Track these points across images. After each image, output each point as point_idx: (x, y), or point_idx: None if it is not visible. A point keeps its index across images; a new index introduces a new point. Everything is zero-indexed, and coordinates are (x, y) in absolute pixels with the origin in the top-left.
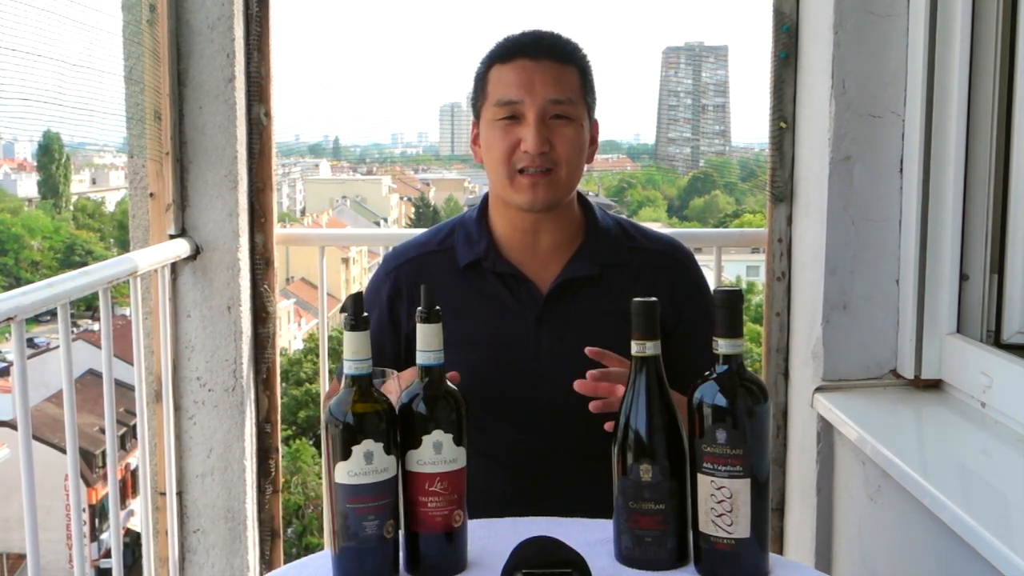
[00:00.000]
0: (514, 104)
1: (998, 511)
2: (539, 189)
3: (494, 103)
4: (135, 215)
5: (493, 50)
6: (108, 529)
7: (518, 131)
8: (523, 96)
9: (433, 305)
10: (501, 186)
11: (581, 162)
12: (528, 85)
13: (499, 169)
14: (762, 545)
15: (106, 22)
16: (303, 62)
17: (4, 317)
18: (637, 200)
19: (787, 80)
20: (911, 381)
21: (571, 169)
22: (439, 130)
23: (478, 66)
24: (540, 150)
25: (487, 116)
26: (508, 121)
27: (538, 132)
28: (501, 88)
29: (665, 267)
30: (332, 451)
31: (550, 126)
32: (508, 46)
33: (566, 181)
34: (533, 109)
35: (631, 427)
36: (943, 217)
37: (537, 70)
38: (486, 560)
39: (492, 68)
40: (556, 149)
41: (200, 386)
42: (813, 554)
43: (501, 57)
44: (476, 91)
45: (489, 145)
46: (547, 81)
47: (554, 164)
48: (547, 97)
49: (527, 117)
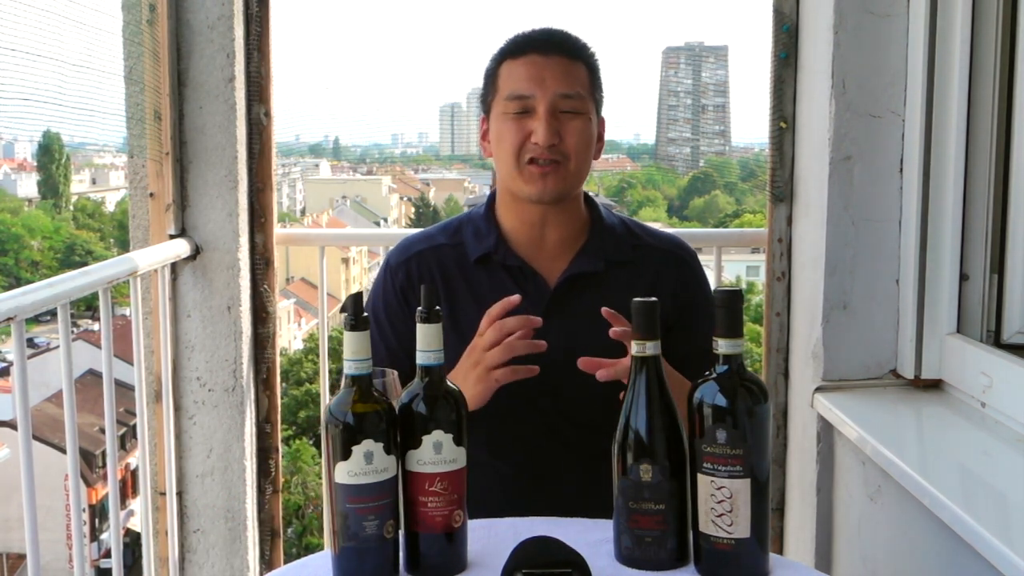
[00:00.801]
0: (525, 98)
1: (998, 511)
2: (548, 180)
3: (505, 97)
4: (135, 215)
5: (504, 46)
6: (108, 529)
7: (529, 124)
8: (534, 90)
9: (433, 305)
10: (511, 177)
11: (589, 155)
12: (539, 79)
13: (509, 160)
14: (762, 545)
15: (106, 22)
16: (303, 62)
17: (4, 317)
18: (637, 200)
19: (787, 80)
20: (911, 381)
21: (579, 162)
22: (439, 130)
23: (488, 62)
24: (550, 142)
25: (498, 110)
26: (519, 115)
27: (548, 124)
28: (512, 82)
29: (669, 264)
30: (332, 451)
31: (560, 119)
32: (519, 42)
33: (574, 173)
34: (544, 102)
35: (631, 427)
36: (943, 217)
37: (547, 65)
38: (486, 560)
39: (503, 63)
40: (565, 142)
41: (200, 386)
42: (813, 554)
43: (512, 52)
44: (486, 86)
45: (500, 138)
46: (557, 76)
47: (563, 156)
48: (557, 91)
49: (538, 110)
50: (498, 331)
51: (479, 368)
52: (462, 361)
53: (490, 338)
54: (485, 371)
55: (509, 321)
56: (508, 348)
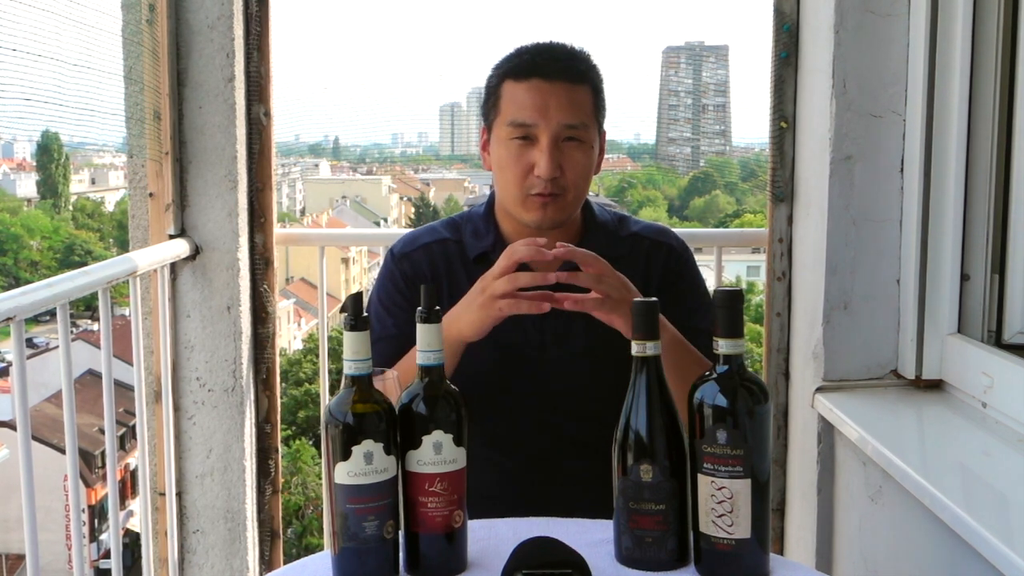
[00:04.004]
0: (528, 127)
1: (999, 511)
2: (548, 209)
3: (507, 122)
4: (135, 215)
5: (507, 63)
6: (108, 529)
7: (530, 154)
8: (537, 120)
9: (433, 305)
10: (512, 205)
11: (588, 182)
12: (542, 109)
13: (512, 190)
14: (762, 545)
15: (106, 22)
16: (303, 62)
17: (4, 317)
18: (637, 200)
19: (787, 80)
20: (912, 381)
21: (578, 192)
22: (439, 130)
23: (490, 73)
24: (552, 175)
25: (499, 133)
26: (521, 141)
27: (551, 157)
28: (515, 109)
29: (656, 251)
30: (332, 451)
31: (562, 149)
32: (523, 64)
33: (573, 203)
34: (547, 133)
35: (631, 427)
36: (944, 217)
37: (552, 93)
38: (486, 560)
39: (505, 83)
40: (566, 175)
41: (200, 386)
42: (813, 554)
43: (515, 74)
44: (487, 102)
45: (501, 164)
46: (561, 105)
47: (563, 189)
48: (561, 122)
49: (540, 140)
50: (508, 258)
51: (485, 295)
52: (472, 289)
53: (501, 265)
54: (491, 299)
55: (521, 249)
56: (514, 279)
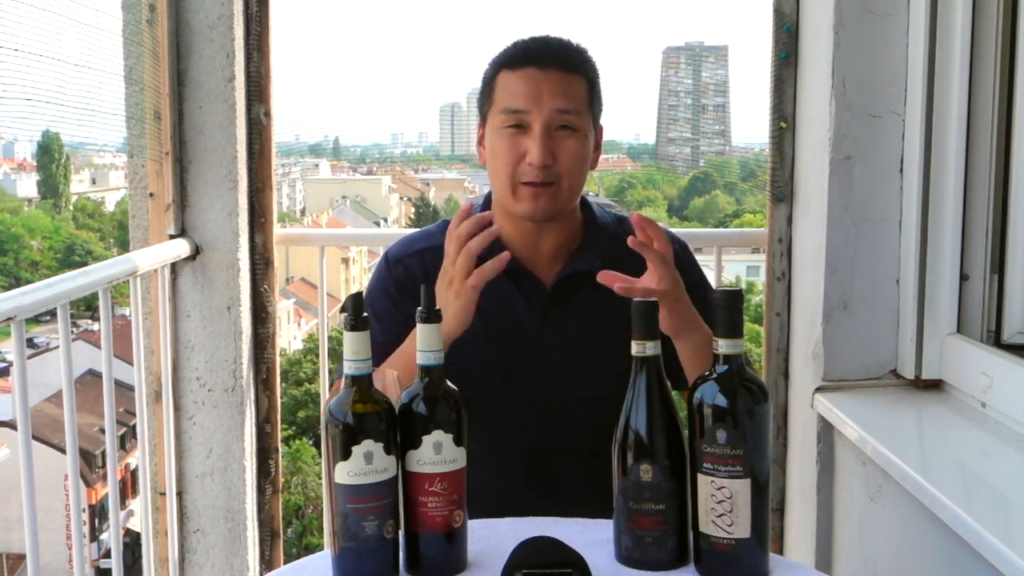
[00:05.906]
0: (520, 113)
1: (998, 511)
2: (540, 200)
3: (500, 110)
4: (135, 215)
5: (502, 55)
6: (108, 529)
7: (523, 142)
8: (530, 106)
9: (433, 305)
10: (503, 195)
11: (583, 173)
12: (535, 95)
13: (503, 179)
14: (762, 545)
15: (106, 22)
16: (303, 62)
17: (4, 317)
18: (637, 200)
19: (787, 80)
20: (911, 381)
21: (572, 182)
22: (439, 130)
23: (486, 67)
24: (544, 163)
25: (493, 122)
26: (514, 130)
27: (543, 145)
28: (508, 96)
29: None
30: (332, 451)
31: (555, 137)
32: (517, 53)
33: (567, 193)
34: (539, 120)
35: (631, 427)
36: (943, 217)
37: (545, 80)
38: (486, 560)
39: (500, 73)
40: (559, 163)
41: (200, 386)
42: (813, 554)
43: (510, 64)
44: (483, 94)
45: (494, 153)
46: (554, 92)
47: (556, 178)
48: (554, 108)
49: (533, 128)
50: (456, 241)
51: (454, 285)
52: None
53: (451, 251)
54: (460, 283)
55: (462, 228)
56: (468, 253)
